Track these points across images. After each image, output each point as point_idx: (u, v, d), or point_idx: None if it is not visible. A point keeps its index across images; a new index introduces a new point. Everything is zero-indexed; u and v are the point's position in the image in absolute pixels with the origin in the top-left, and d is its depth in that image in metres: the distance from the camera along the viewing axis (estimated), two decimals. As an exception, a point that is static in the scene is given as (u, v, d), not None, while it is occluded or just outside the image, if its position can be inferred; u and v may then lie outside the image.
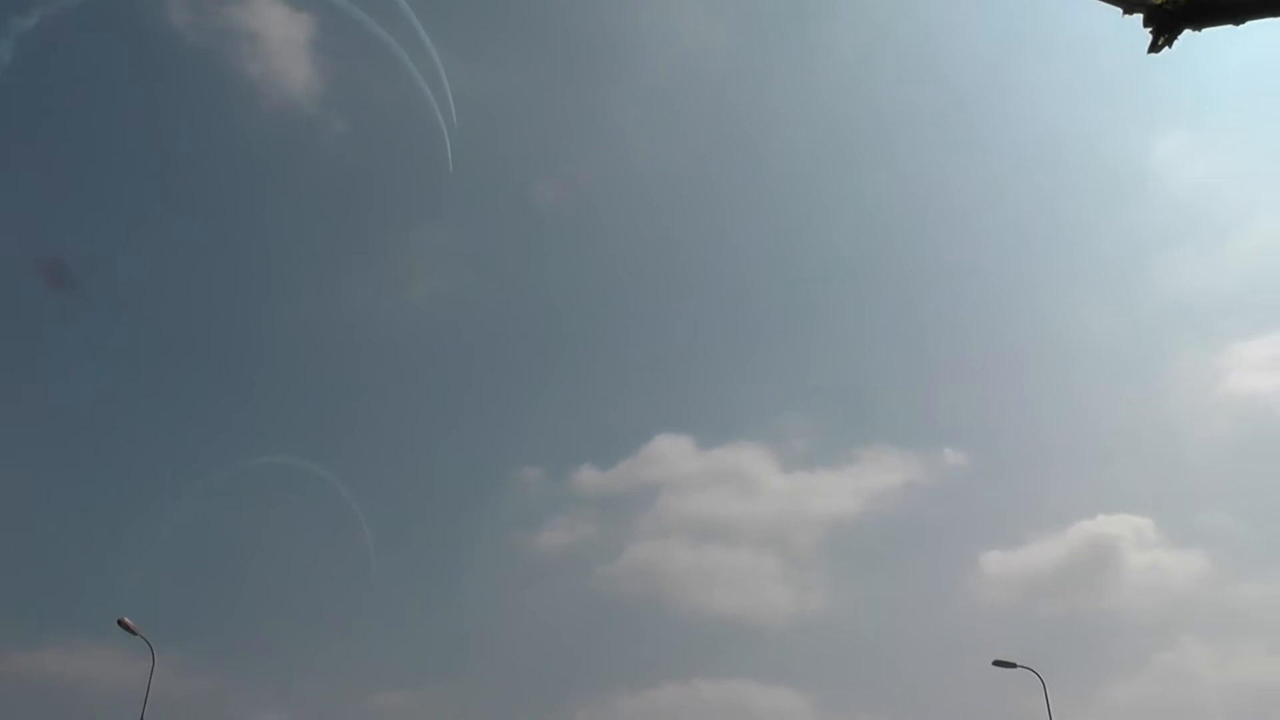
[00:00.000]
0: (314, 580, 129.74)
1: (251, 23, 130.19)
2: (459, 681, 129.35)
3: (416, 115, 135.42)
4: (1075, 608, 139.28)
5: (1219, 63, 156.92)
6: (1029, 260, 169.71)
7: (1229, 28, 11.42)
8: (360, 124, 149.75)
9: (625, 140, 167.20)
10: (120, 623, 33.87)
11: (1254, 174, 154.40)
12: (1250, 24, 11.35)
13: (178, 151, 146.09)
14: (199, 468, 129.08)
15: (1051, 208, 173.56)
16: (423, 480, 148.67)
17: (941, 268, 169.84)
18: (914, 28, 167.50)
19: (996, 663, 39.21)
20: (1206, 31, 11.55)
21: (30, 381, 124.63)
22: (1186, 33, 11.57)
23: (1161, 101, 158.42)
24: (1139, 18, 11.57)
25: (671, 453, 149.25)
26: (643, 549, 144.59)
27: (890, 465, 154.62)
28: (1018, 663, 39.42)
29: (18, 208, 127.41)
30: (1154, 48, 11.64)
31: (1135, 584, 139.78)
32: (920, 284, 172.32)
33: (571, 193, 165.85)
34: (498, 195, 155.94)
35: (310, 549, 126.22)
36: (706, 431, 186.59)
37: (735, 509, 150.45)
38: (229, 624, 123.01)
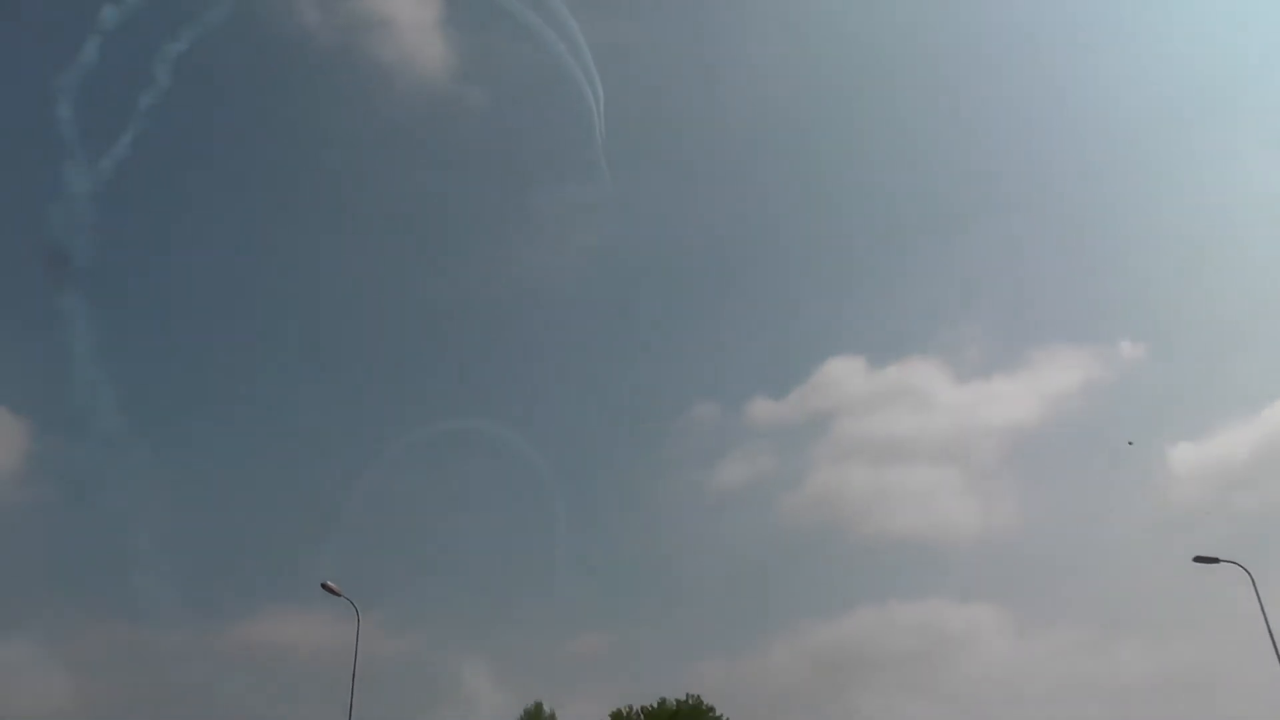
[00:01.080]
0: (505, 535, 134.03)
1: (381, 10, 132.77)
2: (653, 620, 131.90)
3: (553, 77, 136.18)
4: (1276, 497, 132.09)
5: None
6: (1190, 123, 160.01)
7: None
8: (499, 94, 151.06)
9: (760, 78, 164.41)
10: (324, 586, 35.64)
11: None
12: None
13: (327, 147, 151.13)
14: (389, 438, 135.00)
15: (1210, 69, 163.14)
16: (600, 427, 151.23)
17: (1091, 139, 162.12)
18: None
19: (1198, 559, 37.51)
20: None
21: (227, 380, 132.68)
22: None
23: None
24: None
25: (843, 375, 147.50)
26: (823, 475, 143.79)
27: (1066, 364, 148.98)
28: (1221, 557, 37.67)
29: (186, 214, 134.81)
30: None
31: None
32: (1071, 160, 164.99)
33: (715, 135, 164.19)
34: (644, 146, 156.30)
35: (500, 505, 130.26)
36: (877, 350, 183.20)
37: (913, 426, 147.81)
38: (428, 583, 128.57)
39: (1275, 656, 35.70)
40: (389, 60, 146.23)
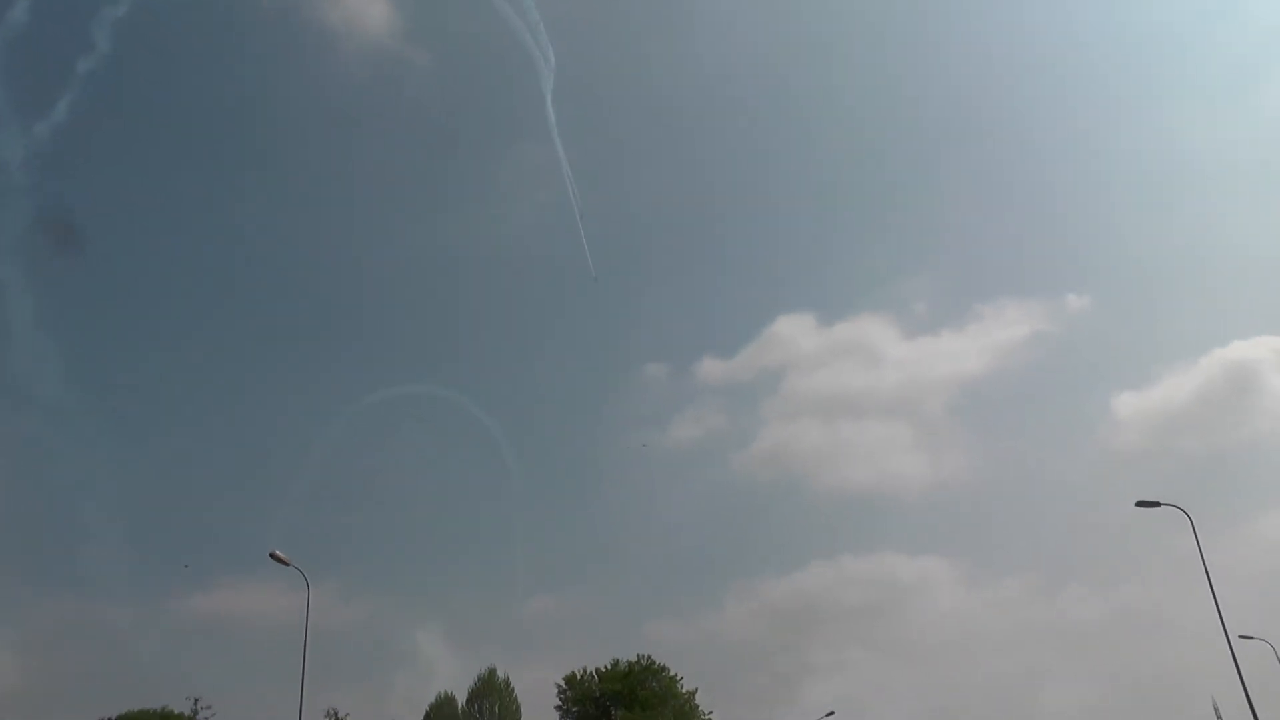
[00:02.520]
0: (458, 499, 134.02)
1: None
2: (605, 580, 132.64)
3: (502, 41, 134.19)
4: (1216, 441, 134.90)
5: None
6: (1129, 82, 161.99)
7: None
8: (445, 56, 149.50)
9: (713, 47, 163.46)
10: (272, 555, 35.28)
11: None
12: None
13: (271, 107, 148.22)
14: (339, 406, 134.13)
15: (1148, 27, 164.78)
16: (552, 390, 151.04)
17: (1033, 99, 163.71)
18: None
19: (1140, 504, 38.13)
20: None
21: (172, 350, 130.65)
22: None
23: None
24: None
25: (793, 332, 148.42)
26: (774, 432, 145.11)
27: (1013, 318, 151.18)
28: (1161, 501, 38.34)
29: (127, 182, 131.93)
30: None
31: (1279, 408, 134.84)
32: (1015, 121, 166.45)
33: (665, 103, 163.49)
34: (597, 113, 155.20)
35: (451, 470, 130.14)
36: (826, 307, 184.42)
37: (862, 382, 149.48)
38: (382, 550, 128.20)
39: (1211, 595, 36.51)
40: (333, 21, 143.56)
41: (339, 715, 68.81)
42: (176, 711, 53.39)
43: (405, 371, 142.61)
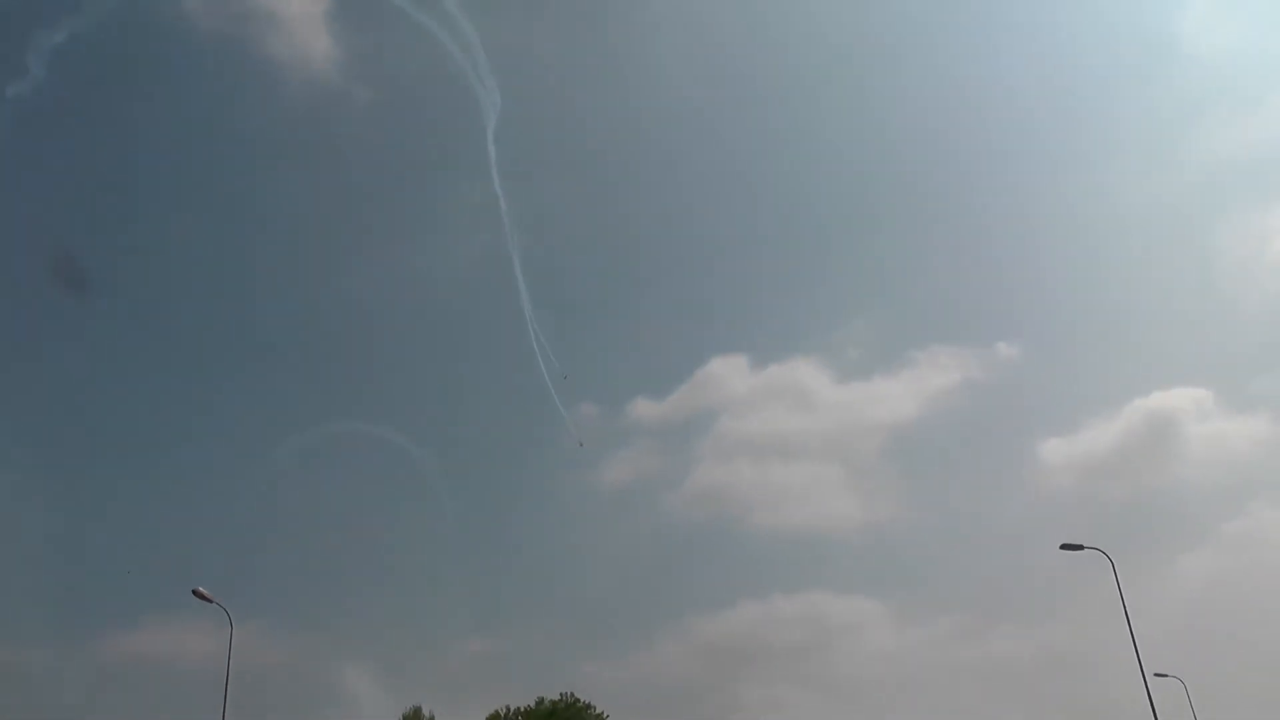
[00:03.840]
0: (388, 538, 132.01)
1: (267, 3, 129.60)
2: (537, 621, 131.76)
3: (444, 77, 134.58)
4: (1138, 486, 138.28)
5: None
6: (1057, 137, 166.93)
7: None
8: (388, 93, 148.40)
9: (657, 77, 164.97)
10: (196, 593, 34.60)
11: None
12: None
13: (208, 139, 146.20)
14: (271, 442, 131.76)
15: (1079, 83, 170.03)
16: (485, 431, 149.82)
17: (966, 153, 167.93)
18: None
19: (1064, 546, 39.05)
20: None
21: (96, 381, 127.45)
22: None
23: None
24: None
25: (726, 374, 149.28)
26: (707, 473, 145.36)
27: (945, 365, 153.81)
28: (1085, 544, 39.29)
29: (61, 212, 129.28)
30: None
31: (1198, 456, 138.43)
32: (948, 173, 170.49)
33: (605, 139, 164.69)
34: (538, 149, 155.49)
35: (382, 509, 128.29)
36: (760, 349, 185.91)
37: (795, 425, 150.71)
38: (310, 588, 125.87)
39: (1130, 635, 37.44)
40: (276, 55, 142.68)
41: (261, 756, 67.45)
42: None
43: (337, 410, 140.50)
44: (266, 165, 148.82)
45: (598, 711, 74.49)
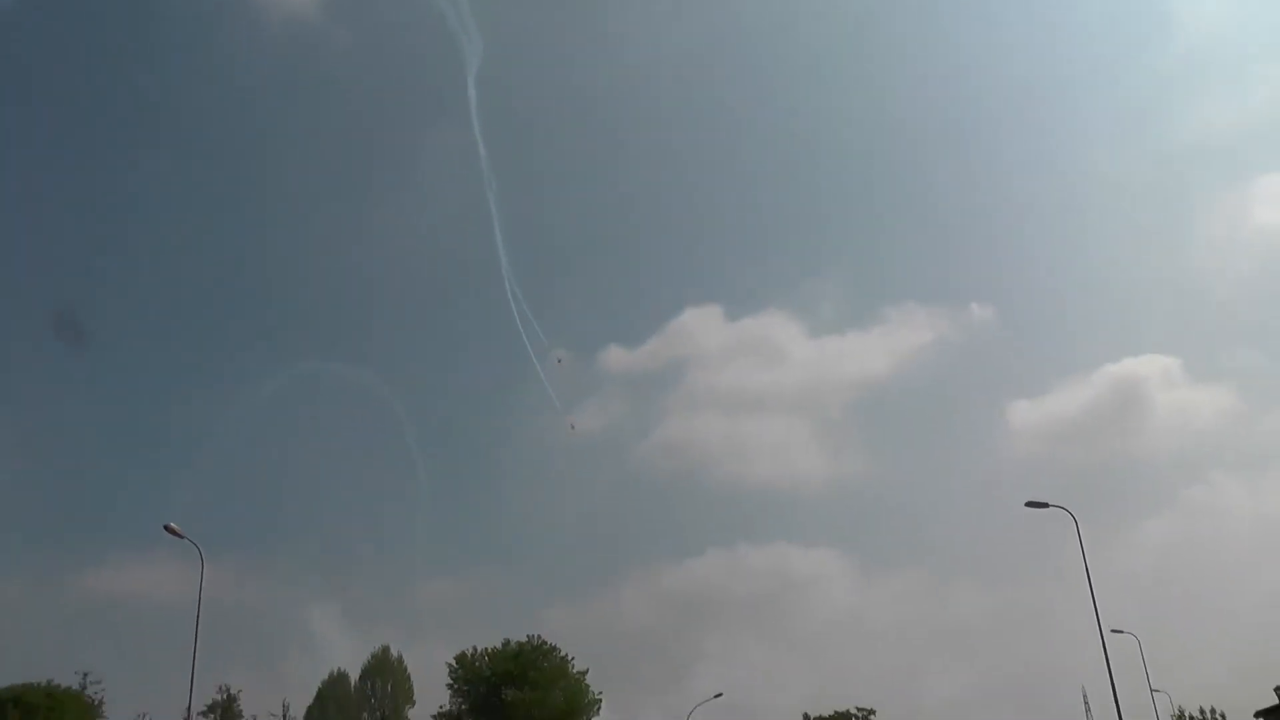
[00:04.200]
0: (360, 479, 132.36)
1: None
2: (504, 565, 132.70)
3: (424, 23, 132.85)
4: (1104, 451, 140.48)
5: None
6: (1044, 107, 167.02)
7: None
8: (367, 35, 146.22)
9: (644, 28, 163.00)
10: (167, 528, 34.61)
11: (1273, 9, 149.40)
12: None
13: (184, 76, 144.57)
14: (242, 382, 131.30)
15: (1066, 52, 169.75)
16: (457, 375, 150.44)
17: (950, 119, 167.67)
18: None
19: (1029, 504, 39.63)
20: None
21: (76, 319, 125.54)
22: None
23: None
24: None
25: (699, 326, 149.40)
26: (676, 424, 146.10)
27: (918, 323, 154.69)
28: (1050, 503, 39.89)
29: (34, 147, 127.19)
30: None
31: (1163, 423, 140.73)
32: (930, 135, 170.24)
33: (590, 95, 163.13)
34: (520, 101, 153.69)
35: (354, 450, 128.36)
36: (735, 301, 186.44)
37: (765, 378, 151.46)
38: (281, 528, 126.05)
39: (1089, 592, 38.19)
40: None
41: (231, 693, 67.88)
42: (64, 686, 51.80)
43: (312, 353, 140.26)
44: (243, 103, 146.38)
45: (562, 654, 75.33)
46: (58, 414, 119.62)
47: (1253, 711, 59.16)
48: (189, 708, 36.53)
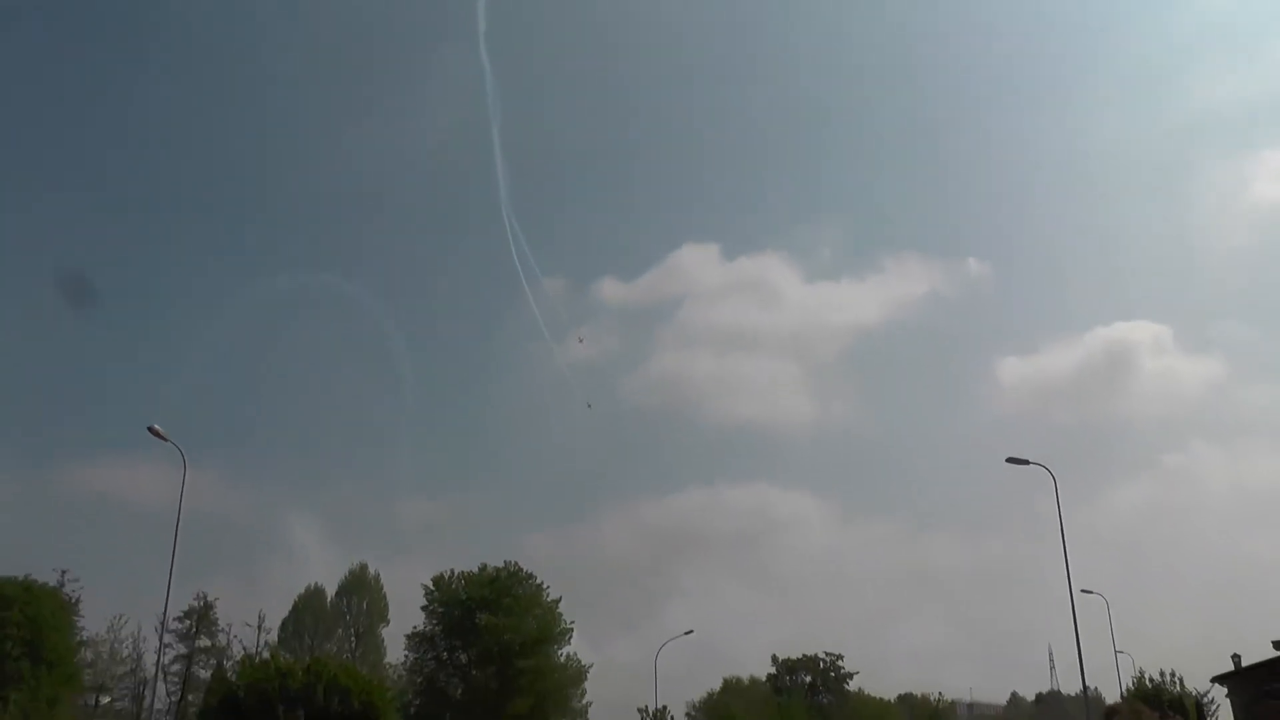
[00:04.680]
0: (349, 394, 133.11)
1: None
2: (486, 490, 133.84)
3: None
4: (1088, 412, 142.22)
5: None
6: (1054, 67, 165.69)
7: None
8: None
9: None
10: (151, 430, 34.61)
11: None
12: None
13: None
14: (236, 289, 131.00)
15: (1078, 13, 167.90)
16: (452, 297, 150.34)
17: (962, 73, 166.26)
18: None
19: (1010, 460, 39.77)
20: None
21: (48, 212, 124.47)
22: None
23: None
24: None
25: (697, 262, 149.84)
26: (667, 359, 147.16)
27: (915, 275, 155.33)
28: (1031, 460, 40.10)
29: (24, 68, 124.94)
30: None
31: (1149, 389, 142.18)
32: (941, 90, 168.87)
33: (600, 19, 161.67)
34: (524, 21, 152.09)
35: (345, 365, 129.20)
36: (734, 240, 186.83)
37: (759, 319, 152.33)
38: (268, 438, 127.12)
39: (1062, 551, 38.57)
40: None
41: (208, 600, 68.35)
42: (41, 582, 52.04)
43: (308, 266, 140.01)
44: (245, 8, 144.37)
45: (538, 582, 75.97)
46: (47, 308, 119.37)
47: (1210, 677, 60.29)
48: (164, 612, 36.94)
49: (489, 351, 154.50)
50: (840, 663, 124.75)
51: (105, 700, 63.12)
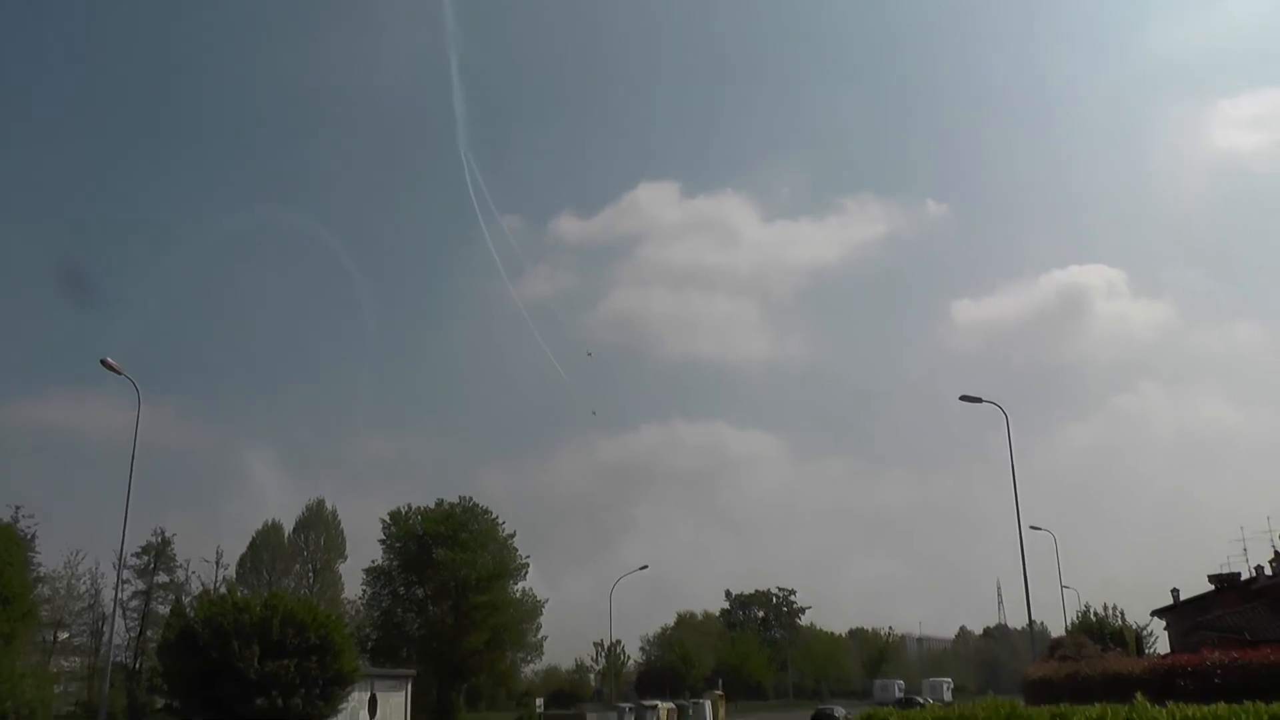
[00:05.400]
0: (305, 330, 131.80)
1: None
2: (441, 426, 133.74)
3: None
4: (1040, 354, 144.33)
5: None
6: (1017, 11, 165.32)
7: None
8: None
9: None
10: (104, 363, 34.16)
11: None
12: None
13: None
14: (190, 222, 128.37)
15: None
16: (408, 232, 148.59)
17: (926, 14, 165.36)
18: None
19: (963, 398, 40.37)
20: None
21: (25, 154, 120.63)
22: None
23: None
24: None
25: (655, 200, 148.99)
26: (624, 297, 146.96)
27: (873, 215, 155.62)
28: (983, 398, 40.70)
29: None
30: None
31: (1101, 332, 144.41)
32: (904, 31, 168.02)
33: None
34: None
35: (301, 300, 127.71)
36: (692, 179, 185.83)
37: (716, 258, 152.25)
38: (224, 374, 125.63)
39: (1013, 488, 39.35)
40: None
41: (166, 536, 67.99)
42: (-5, 518, 51.30)
43: (262, 197, 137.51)
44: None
45: (494, 518, 76.48)
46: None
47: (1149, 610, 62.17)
48: (122, 548, 36.66)
49: (445, 288, 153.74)
50: (793, 598, 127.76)
51: (63, 636, 62.74)
